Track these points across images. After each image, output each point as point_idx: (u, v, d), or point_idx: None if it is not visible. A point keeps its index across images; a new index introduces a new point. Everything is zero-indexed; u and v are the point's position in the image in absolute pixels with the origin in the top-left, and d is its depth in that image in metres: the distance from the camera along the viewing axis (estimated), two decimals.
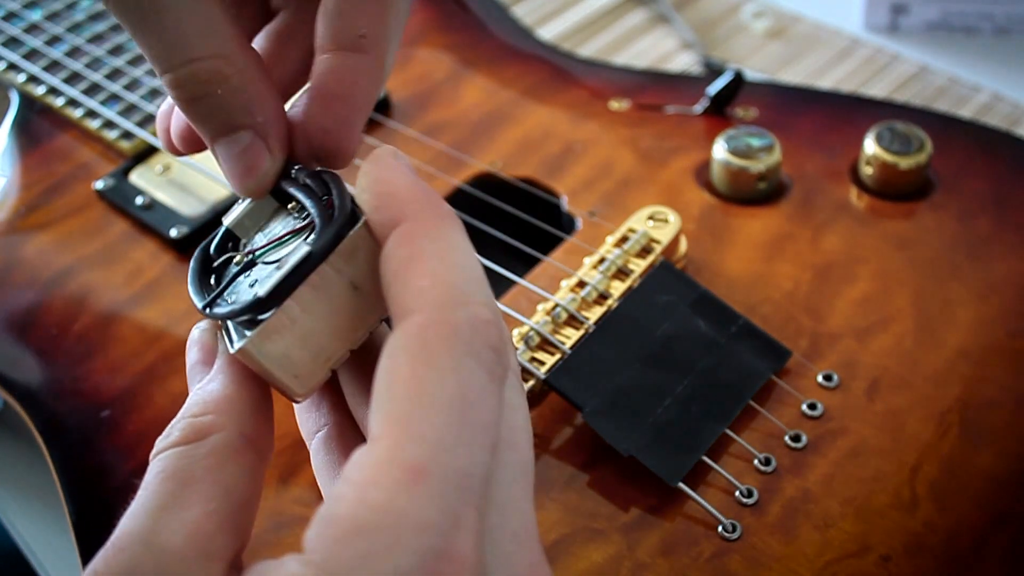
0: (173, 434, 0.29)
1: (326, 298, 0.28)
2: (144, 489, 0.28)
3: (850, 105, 0.58)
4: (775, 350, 0.45)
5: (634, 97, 0.59)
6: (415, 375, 0.25)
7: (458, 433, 0.24)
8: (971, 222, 0.51)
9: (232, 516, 0.28)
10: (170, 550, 0.26)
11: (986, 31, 0.73)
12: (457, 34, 0.66)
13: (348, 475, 0.24)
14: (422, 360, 0.25)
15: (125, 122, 0.58)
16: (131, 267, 0.53)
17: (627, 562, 0.39)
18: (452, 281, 0.26)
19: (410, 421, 0.24)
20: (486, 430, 0.25)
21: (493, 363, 0.26)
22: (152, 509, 0.27)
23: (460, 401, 0.25)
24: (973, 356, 0.45)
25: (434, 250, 0.27)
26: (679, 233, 0.49)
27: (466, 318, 0.26)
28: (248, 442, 0.29)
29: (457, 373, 0.25)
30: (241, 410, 0.29)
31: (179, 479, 0.28)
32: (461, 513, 0.24)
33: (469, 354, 0.25)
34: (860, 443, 0.42)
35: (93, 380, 0.48)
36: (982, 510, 0.40)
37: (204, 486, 0.28)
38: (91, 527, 0.43)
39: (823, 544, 0.39)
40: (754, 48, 0.74)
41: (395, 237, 0.27)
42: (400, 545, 0.23)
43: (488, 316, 0.26)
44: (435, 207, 0.28)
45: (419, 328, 0.25)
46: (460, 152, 0.57)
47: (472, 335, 0.26)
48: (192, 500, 0.27)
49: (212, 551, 0.27)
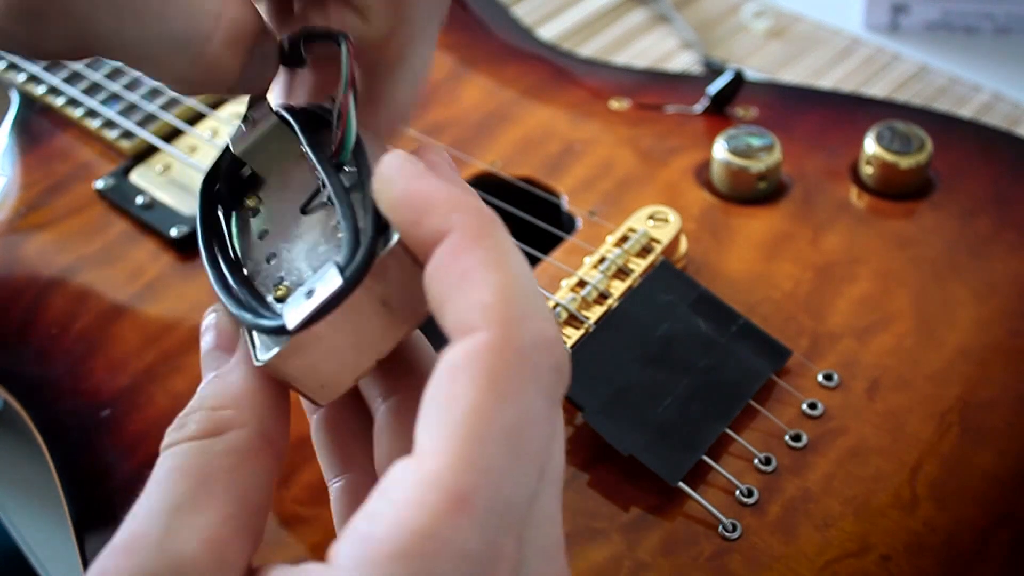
0: (189, 426, 0.27)
1: (355, 317, 0.27)
2: (156, 484, 0.26)
3: (850, 105, 0.58)
4: (775, 350, 0.45)
5: (634, 97, 0.59)
6: (474, 400, 0.24)
7: (511, 463, 0.23)
8: (971, 221, 0.51)
9: (248, 520, 0.26)
10: (185, 557, 0.25)
11: (986, 31, 0.73)
12: (457, 34, 0.66)
13: (389, 493, 0.23)
14: (484, 385, 0.24)
15: (125, 122, 0.58)
16: (131, 267, 0.53)
17: (627, 562, 0.39)
18: (515, 294, 0.25)
19: (463, 446, 0.23)
20: (538, 457, 0.24)
21: (554, 386, 0.25)
22: (166, 509, 0.26)
23: (517, 430, 0.24)
24: (973, 356, 0.45)
25: (489, 260, 0.25)
26: (679, 233, 0.49)
27: (532, 337, 0.24)
28: (266, 442, 0.28)
29: (519, 401, 0.24)
30: (262, 407, 0.28)
31: (195, 477, 0.26)
32: (502, 544, 0.23)
33: (534, 379, 0.24)
34: (860, 443, 0.42)
35: (93, 380, 0.48)
36: (982, 509, 0.40)
37: (221, 487, 0.26)
38: (91, 527, 0.43)
39: (823, 544, 0.39)
40: (754, 48, 0.74)
41: (443, 253, 0.26)
42: (439, 574, 0.22)
43: (552, 333, 0.25)
44: (478, 212, 0.26)
45: (484, 348, 0.24)
46: (460, 152, 0.57)
47: (538, 357, 0.24)
48: (208, 502, 0.26)
49: (228, 558, 0.26)
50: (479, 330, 0.24)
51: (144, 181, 0.56)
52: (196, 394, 0.29)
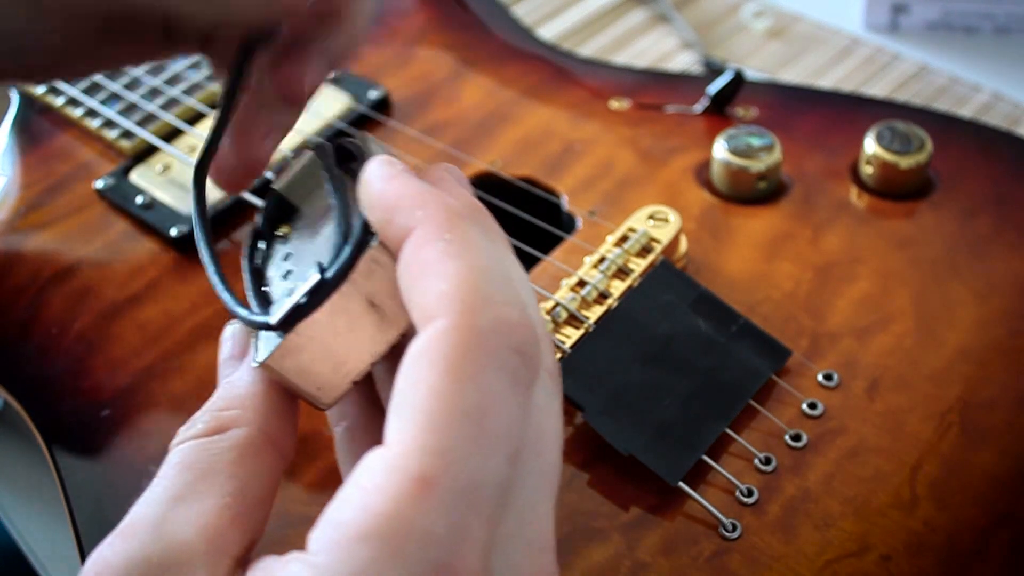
0: (196, 426, 0.29)
1: (344, 317, 0.28)
2: (160, 478, 0.28)
3: (850, 105, 0.58)
4: (775, 349, 0.45)
5: (634, 97, 0.59)
6: (433, 383, 0.24)
7: (472, 444, 0.24)
8: (971, 221, 0.51)
9: (245, 513, 0.27)
10: (179, 540, 0.26)
11: (986, 31, 0.73)
12: (457, 34, 0.66)
13: (357, 479, 0.24)
14: (441, 368, 0.24)
15: (125, 121, 0.58)
16: (131, 266, 0.53)
17: (627, 561, 0.39)
18: (473, 281, 0.25)
19: (423, 430, 0.24)
20: (505, 440, 0.24)
21: (517, 367, 0.25)
22: (166, 499, 0.27)
23: (477, 411, 0.24)
24: (973, 355, 0.45)
25: (450, 251, 0.26)
26: (679, 232, 0.49)
27: (490, 321, 0.25)
28: (269, 441, 0.29)
29: (476, 381, 0.24)
30: (266, 408, 0.29)
31: (196, 471, 0.28)
32: (468, 525, 0.23)
33: (491, 361, 0.25)
34: (860, 442, 0.42)
35: (93, 379, 0.48)
36: (982, 509, 0.40)
37: (220, 479, 0.28)
38: (91, 527, 0.43)
39: (823, 543, 0.39)
40: (754, 48, 0.74)
41: (407, 247, 0.27)
42: (403, 556, 0.23)
43: (514, 317, 0.25)
44: (443, 207, 0.27)
45: (440, 334, 0.25)
46: (460, 151, 0.57)
47: (496, 339, 0.25)
48: (207, 493, 0.27)
49: (222, 546, 0.27)
50: (437, 317, 0.25)
51: (144, 181, 0.56)
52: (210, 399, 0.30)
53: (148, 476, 0.28)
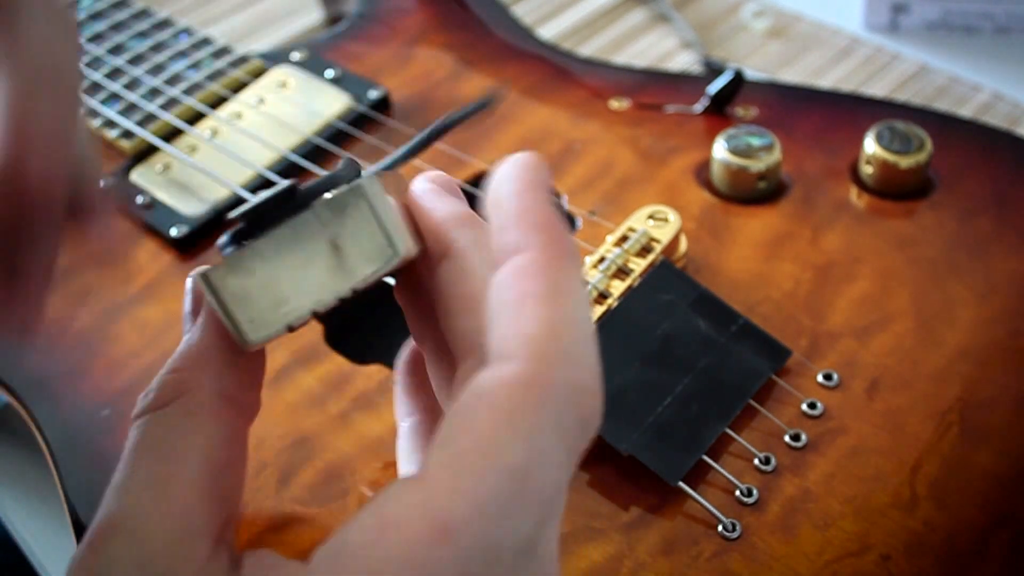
0: (150, 395, 0.27)
1: (301, 248, 0.27)
2: (123, 463, 0.26)
3: (850, 104, 0.58)
4: (775, 349, 0.45)
5: (634, 96, 0.59)
6: (487, 430, 0.23)
7: (508, 503, 0.22)
8: (971, 221, 0.51)
9: (213, 484, 0.26)
10: (151, 535, 0.25)
11: (986, 31, 0.73)
12: (457, 33, 0.66)
13: (381, 505, 0.23)
14: (500, 417, 0.23)
15: (125, 121, 0.58)
16: (131, 266, 0.53)
17: (627, 561, 0.39)
18: (561, 334, 0.24)
19: (463, 474, 0.22)
20: (541, 506, 0.23)
21: (576, 436, 0.24)
22: (129, 488, 0.25)
23: (523, 471, 0.23)
24: (973, 355, 0.45)
25: (549, 293, 0.24)
26: (679, 232, 0.49)
27: (565, 382, 0.23)
28: (226, 399, 0.27)
29: (531, 441, 0.23)
30: (219, 363, 0.27)
31: (155, 451, 0.26)
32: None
33: (555, 426, 0.23)
34: (860, 442, 0.42)
35: (93, 379, 0.48)
36: (982, 509, 0.40)
37: (181, 455, 0.26)
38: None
39: (823, 543, 0.39)
40: (754, 48, 0.74)
41: (512, 269, 0.25)
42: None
43: (589, 384, 0.24)
44: (561, 243, 0.25)
45: (511, 380, 0.23)
46: (460, 151, 0.57)
47: (565, 404, 0.23)
48: (170, 474, 0.26)
49: (195, 527, 0.25)
50: (513, 360, 0.24)
51: (144, 181, 0.56)
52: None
53: None
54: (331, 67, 0.62)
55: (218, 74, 0.61)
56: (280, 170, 0.56)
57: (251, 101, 0.60)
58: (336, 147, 0.57)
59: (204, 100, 0.60)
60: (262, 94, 0.60)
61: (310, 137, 0.57)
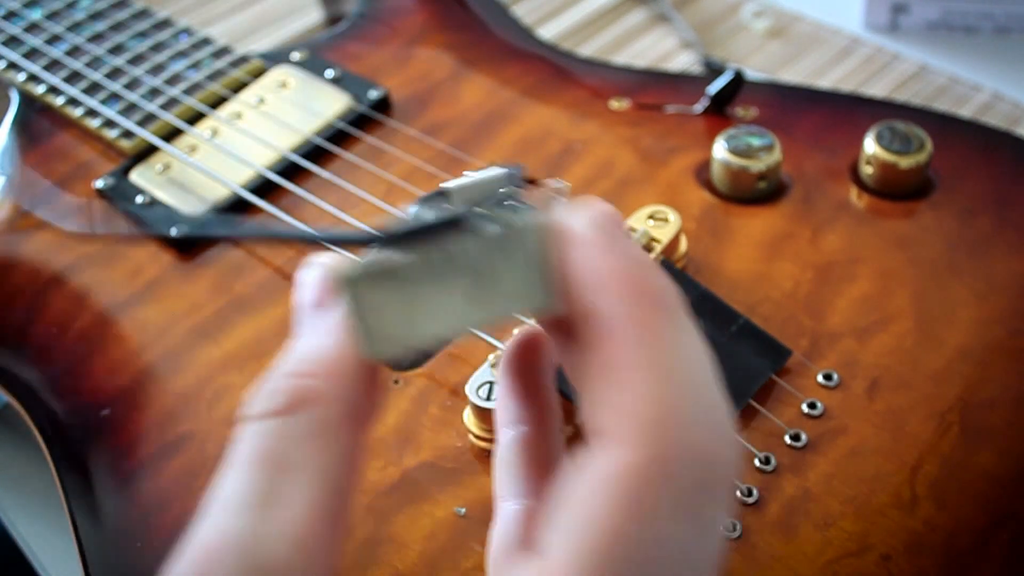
0: (276, 398, 0.24)
1: (450, 276, 0.25)
2: (236, 472, 0.24)
3: (850, 104, 0.58)
4: (775, 349, 0.45)
5: (634, 96, 0.59)
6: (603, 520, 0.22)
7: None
8: (971, 221, 0.51)
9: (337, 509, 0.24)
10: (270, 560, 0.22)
11: (986, 31, 0.73)
12: (457, 33, 0.66)
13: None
14: (617, 506, 0.22)
15: (125, 121, 0.58)
16: (131, 266, 0.53)
17: None
18: (672, 407, 0.23)
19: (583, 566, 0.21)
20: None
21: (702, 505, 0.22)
22: (248, 504, 0.23)
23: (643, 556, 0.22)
24: (973, 356, 0.45)
25: (651, 363, 0.23)
26: (679, 232, 0.49)
27: (681, 450, 0.22)
28: (354, 419, 0.25)
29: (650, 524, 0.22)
30: (353, 376, 0.25)
31: (279, 464, 0.23)
32: None
33: (674, 500, 0.22)
34: (860, 442, 0.42)
35: (93, 379, 0.48)
36: (982, 509, 0.40)
37: (307, 473, 0.23)
38: (91, 527, 0.43)
39: (823, 543, 0.39)
40: (754, 48, 0.74)
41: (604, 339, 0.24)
42: None
43: (713, 449, 0.23)
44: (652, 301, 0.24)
45: (624, 468, 0.22)
46: (460, 151, 0.57)
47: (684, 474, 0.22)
48: (295, 492, 0.23)
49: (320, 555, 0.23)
50: (625, 445, 0.22)
51: (144, 180, 0.56)
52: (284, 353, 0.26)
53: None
54: (331, 67, 0.62)
55: (218, 74, 0.61)
56: (280, 170, 0.56)
57: (251, 101, 0.60)
58: (336, 147, 0.57)
59: (204, 100, 0.60)
60: (262, 94, 0.60)
61: (310, 137, 0.57)
